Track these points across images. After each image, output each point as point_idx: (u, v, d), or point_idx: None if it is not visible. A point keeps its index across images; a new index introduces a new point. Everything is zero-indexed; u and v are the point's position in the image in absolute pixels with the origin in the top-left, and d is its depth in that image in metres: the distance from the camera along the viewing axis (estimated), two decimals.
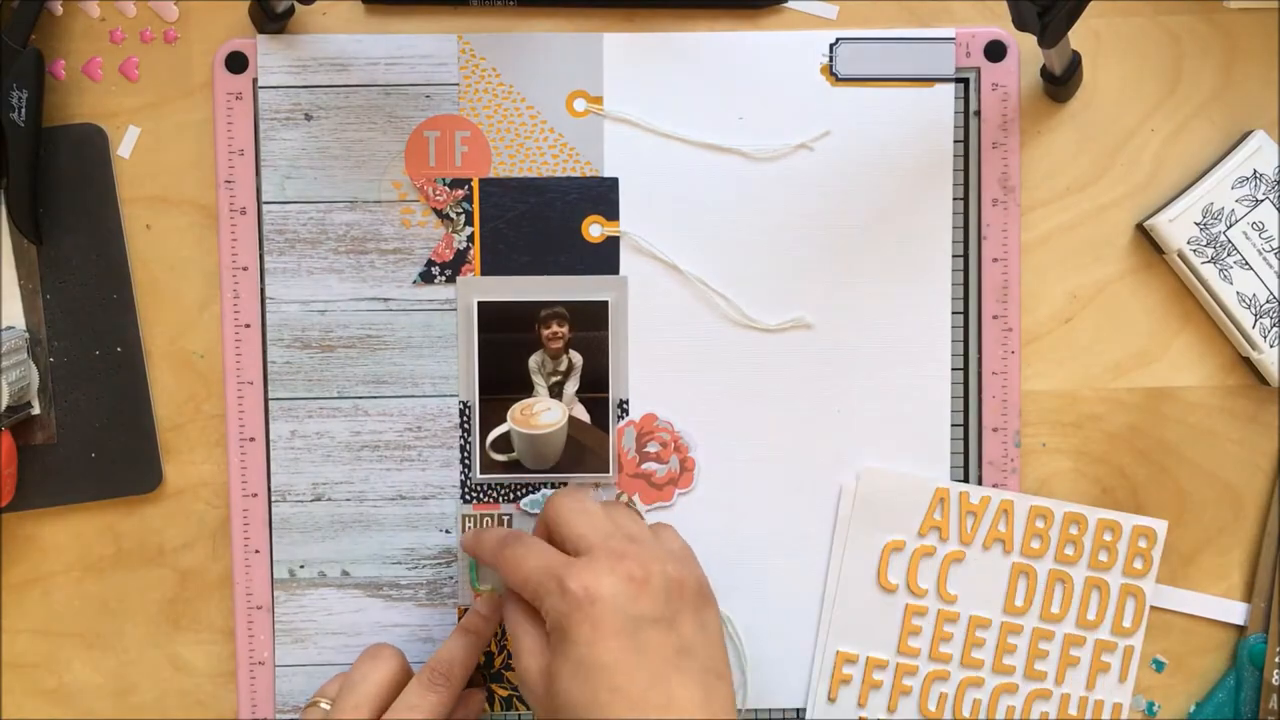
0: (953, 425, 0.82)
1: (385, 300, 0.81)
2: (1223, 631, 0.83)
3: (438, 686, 0.76)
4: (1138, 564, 0.82)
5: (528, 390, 0.81)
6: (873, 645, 0.82)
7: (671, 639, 0.70)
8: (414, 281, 0.81)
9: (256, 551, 0.82)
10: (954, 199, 0.81)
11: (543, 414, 0.81)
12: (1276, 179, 0.80)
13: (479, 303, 0.81)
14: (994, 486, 0.82)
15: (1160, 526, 0.82)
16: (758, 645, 0.82)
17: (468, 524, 0.82)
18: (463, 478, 0.82)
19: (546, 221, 0.81)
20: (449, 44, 0.81)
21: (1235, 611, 0.83)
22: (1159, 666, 0.83)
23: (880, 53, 0.81)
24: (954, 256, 0.82)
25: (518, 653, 0.73)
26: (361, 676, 0.77)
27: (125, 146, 0.81)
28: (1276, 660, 0.82)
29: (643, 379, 0.82)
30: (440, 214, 0.81)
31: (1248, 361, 0.82)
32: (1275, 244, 0.80)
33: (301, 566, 0.82)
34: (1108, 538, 0.82)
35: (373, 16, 0.81)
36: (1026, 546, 0.82)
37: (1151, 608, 0.82)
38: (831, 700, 0.82)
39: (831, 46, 0.81)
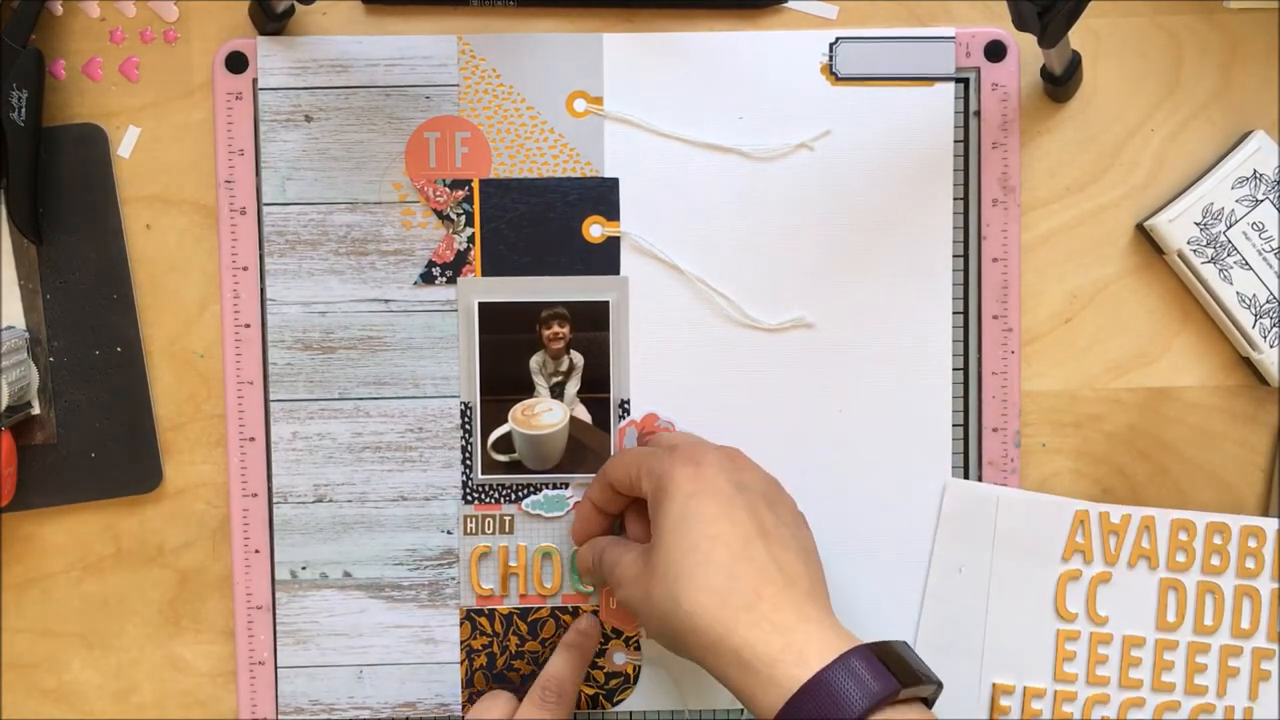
0: (953, 425, 0.82)
1: (386, 301, 0.81)
2: None
3: (549, 704, 0.77)
4: None
5: (529, 391, 0.81)
6: (1028, 675, 0.82)
7: (772, 515, 0.71)
8: (415, 282, 0.81)
9: (256, 551, 0.82)
10: (954, 199, 0.82)
11: (544, 414, 0.81)
12: (1276, 179, 0.80)
13: (480, 303, 0.81)
14: (1136, 505, 0.82)
15: None
16: None
17: (469, 525, 0.82)
18: (464, 478, 0.82)
19: (547, 222, 0.81)
20: (449, 45, 0.81)
21: None
22: None
23: (880, 52, 0.81)
24: (954, 256, 0.82)
25: (617, 567, 0.73)
26: (481, 712, 0.78)
27: (125, 146, 0.81)
28: (1277, 655, 0.82)
29: (644, 379, 0.82)
30: (441, 215, 0.81)
31: (1248, 361, 0.82)
32: (1275, 244, 0.80)
33: (304, 568, 0.82)
34: (1252, 544, 0.81)
35: (373, 17, 0.81)
36: (1172, 560, 0.81)
37: None
38: None
39: (831, 46, 0.81)
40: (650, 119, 0.81)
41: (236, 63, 0.81)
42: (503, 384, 0.81)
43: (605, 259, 0.81)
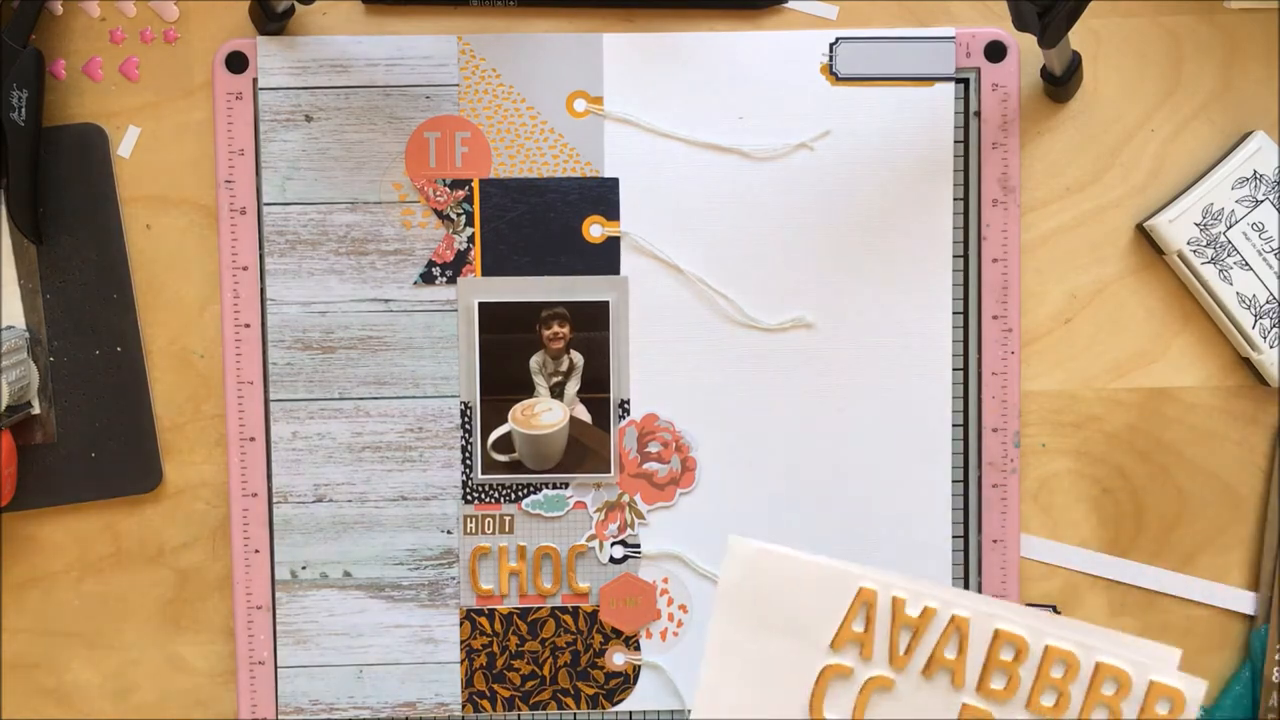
0: (953, 425, 0.82)
1: (386, 301, 0.81)
2: (1228, 627, 0.83)
3: None
4: None
5: (529, 391, 0.81)
6: None
7: None
8: (415, 282, 0.81)
9: (256, 551, 0.82)
10: (954, 199, 0.82)
11: (544, 414, 0.81)
12: (1276, 179, 0.80)
13: (480, 303, 0.81)
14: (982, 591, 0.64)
15: (1194, 689, 0.59)
16: None
17: (469, 524, 0.82)
18: (464, 478, 0.82)
19: (547, 222, 0.81)
20: (449, 45, 0.81)
21: (1242, 600, 0.83)
22: None
23: (880, 52, 0.81)
24: (954, 256, 0.82)
25: None
26: None
27: (125, 146, 0.81)
28: (1277, 657, 0.82)
29: (643, 379, 0.82)
30: (441, 215, 0.81)
31: (1248, 362, 0.82)
32: (1275, 244, 0.80)
33: (304, 568, 0.82)
34: (1108, 692, 0.60)
35: (373, 17, 0.81)
36: (985, 685, 0.61)
37: (1153, 600, 0.83)
38: None
39: (831, 46, 0.81)
40: (650, 119, 0.81)
41: (236, 63, 0.81)
42: (503, 384, 0.81)
43: (605, 259, 0.81)
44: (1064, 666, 0.61)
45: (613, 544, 0.82)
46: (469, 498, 0.82)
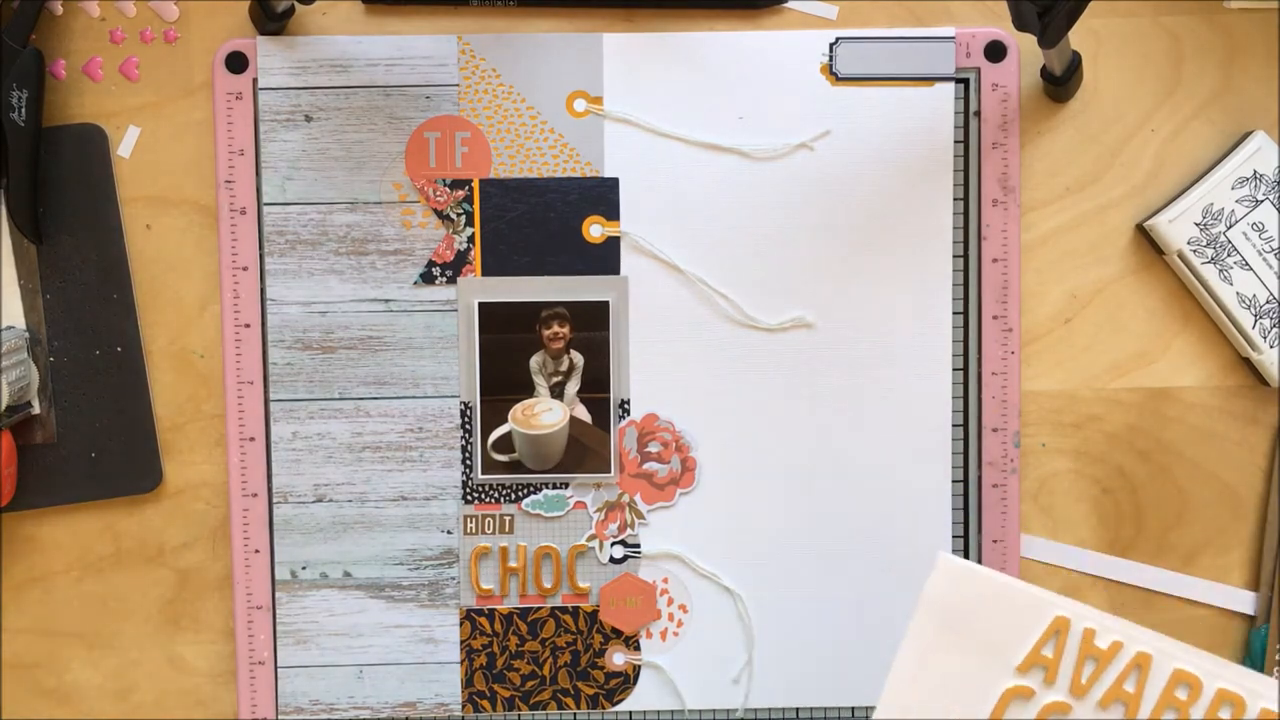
0: (953, 425, 0.82)
1: (386, 301, 0.81)
2: (1228, 627, 0.83)
3: None
4: None
5: (529, 390, 0.81)
6: None
7: None
8: (415, 282, 0.81)
9: (256, 551, 0.82)
10: (954, 199, 0.82)
11: (544, 414, 0.81)
12: (1276, 179, 0.80)
13: (480, 303, 0.81)
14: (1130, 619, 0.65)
15: None
16: (764, 642, 0.82)
17: (469, 524, 0.82)
18: (464, 478, 0.82)
19: (547, 222, 0.81)
20: (449, 45, 0.81)
21: (1242, 600, 0.83)
22: None
23: (880, 52, 0.81)
24: (954, 256, 0.82)
25: None
26: None
27: (125, 146, 0.81)
28: (1277, 658, 0.82)
29: (644, 379, 0.82)
30: (441, 215, 0.81)
31: (1248, 362, 0.82)
32: (1275, 244, 0.80)
33: (304, 568, 0.82)
34: None
35: (373, 17, 0.81)
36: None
37: (1153, 599, 0.83)
38: None
39: (831, 46, 0.81)
40: (650, 119, 0.81)
41: (236, 63, 0.81)
42: (503, 384, 0.81)
43: (605, 259, 0.81)
44: (1230, 708, 0.64)
45: (613, 544, 0.82)
46: (469, 498, 0.82)
